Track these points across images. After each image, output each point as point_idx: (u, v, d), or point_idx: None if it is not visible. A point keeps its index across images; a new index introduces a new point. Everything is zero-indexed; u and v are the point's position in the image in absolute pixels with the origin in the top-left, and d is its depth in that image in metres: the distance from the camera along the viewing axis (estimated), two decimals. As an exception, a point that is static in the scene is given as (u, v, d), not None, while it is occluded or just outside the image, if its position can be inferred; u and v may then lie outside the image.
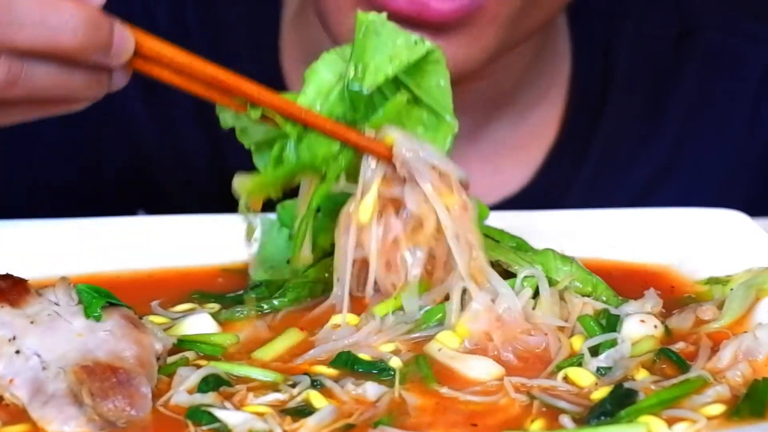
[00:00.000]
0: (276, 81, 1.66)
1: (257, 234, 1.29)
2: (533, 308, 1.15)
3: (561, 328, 1.13)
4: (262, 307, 1.19)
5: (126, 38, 1.06)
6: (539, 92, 1.68)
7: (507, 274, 1.20)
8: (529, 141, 1.69)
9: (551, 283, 1.18)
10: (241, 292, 1.23)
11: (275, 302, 1.20)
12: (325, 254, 1.23)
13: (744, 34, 1.76)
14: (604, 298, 1.20)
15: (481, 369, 1.06)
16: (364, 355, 1.08)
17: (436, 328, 1.13)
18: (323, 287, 1.22)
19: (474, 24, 1.36)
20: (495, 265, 1.22)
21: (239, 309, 1.18)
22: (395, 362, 1.07)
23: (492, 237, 1.28)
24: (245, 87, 1.14)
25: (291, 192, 1.30)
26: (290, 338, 1.13)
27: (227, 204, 1.24)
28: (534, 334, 1.11)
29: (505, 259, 1.22)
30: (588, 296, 1.19)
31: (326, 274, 1.22)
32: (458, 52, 1.36)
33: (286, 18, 1.70)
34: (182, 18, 1.69)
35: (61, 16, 1.02)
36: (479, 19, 1.36)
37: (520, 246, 1.28)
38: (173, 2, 1.70)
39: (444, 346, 1.09)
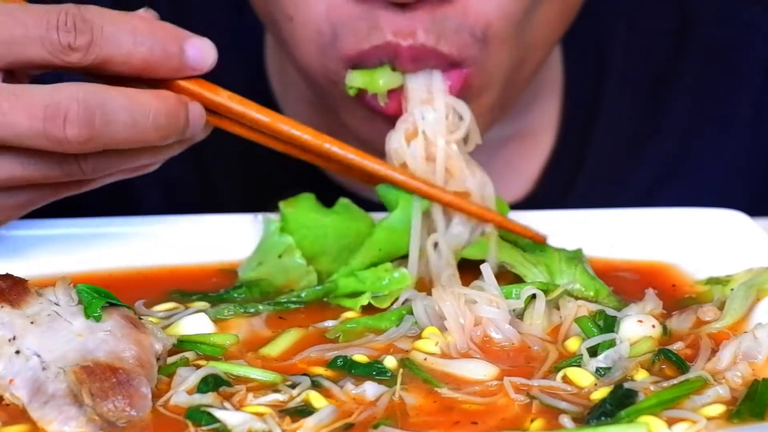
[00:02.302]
0: (263, 93, 1.63)
1: (258, 232, 1.30)
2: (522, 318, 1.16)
3: (549, 335, 1.14)
4: (246, 307, 1.18)
5: (198, 116, 1.14)
6: (531, 100, 1.63)
7: (513, 276, 1.21)
8: (525, 151, 1.65)
9: (551, 288, 1.18)
10: (222, 291, 1.23)
11: (260, 307, 1.19)
12: (324, 275, 1.23)
13: (745, 24, 1.71)
14: (606, 303, 1.20)
15: (477, 371, 1.06)
16: (359, 357, 1.08)
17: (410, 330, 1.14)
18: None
19: (466, 99, 1.29)
20: (499, 265, 1.22)
21: (224, 307, 1.18)
22: (390, 362, 1.07)
23: (505, 236, 1.28)
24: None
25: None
26: (294, 335, 1.13)
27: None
28: (514, 341, 1.12)
29: (510, 260, 1.22)
30: (588, 300, 1.19)
31: (325, 300, 1.21)
32: None
33: (268, 35, 1.66)
34: None
35: (147, 115, 1.09)
36: (472, 100, 1.30)
37: (536, 244, 1.28)
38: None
39: (427, 353, 1.09)
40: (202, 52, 1.13)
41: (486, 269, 1.17)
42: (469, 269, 1.22)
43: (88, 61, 1.09)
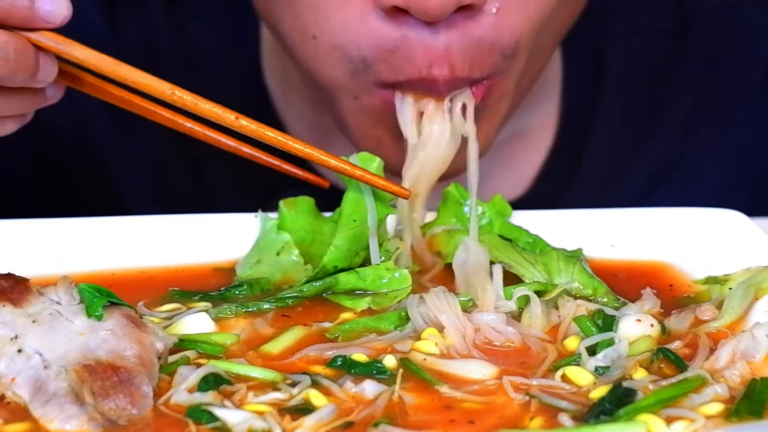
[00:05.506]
0: (260, 98, 1.63)
1: (256, 231, 1.30)
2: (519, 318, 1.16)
3: (549, 334, 1.14)
4: (247, 306, 1.18)
5: (50, 63, 1.15)
6: (531, 100, 1.60)
7: (512, 276, 1.22)
8: (523, 150, 1.65)
9: (549, 287, 1.19)
10: (223, 290, 1.23)
11: (262, 305, 1.19)
12: (326, 273, 1.22)
13: (744, 24, 1.71)
14: (604, 301, 1.20)
15: (476, 371, 1.06)
16: (358, 356, 1.08)
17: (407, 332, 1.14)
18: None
19: (486, 108, 1.30)
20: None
21: (226, 307, 1.18)
22: (389, 361, 1.08)
23: (506, 236, 1.28)
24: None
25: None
26: (296, 333, 1.14)
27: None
28: (514, 341, 1.12)
29: (508, 260, 1.23)
30: (587, 298, 1.20)
31: (324, 295, 1.21)
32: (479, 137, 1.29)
33: (264, 33, 1.65)
34: (150, 34, 1.66)
35: None
36: (492, 107, 1.31)
37: (536, 244, 1.28)
38: (140, 17, 1.66)
39: (426, 354, 1.09)
40: (52, 5, 1.13)
41: (497, 270, 1.19)
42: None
43: None
